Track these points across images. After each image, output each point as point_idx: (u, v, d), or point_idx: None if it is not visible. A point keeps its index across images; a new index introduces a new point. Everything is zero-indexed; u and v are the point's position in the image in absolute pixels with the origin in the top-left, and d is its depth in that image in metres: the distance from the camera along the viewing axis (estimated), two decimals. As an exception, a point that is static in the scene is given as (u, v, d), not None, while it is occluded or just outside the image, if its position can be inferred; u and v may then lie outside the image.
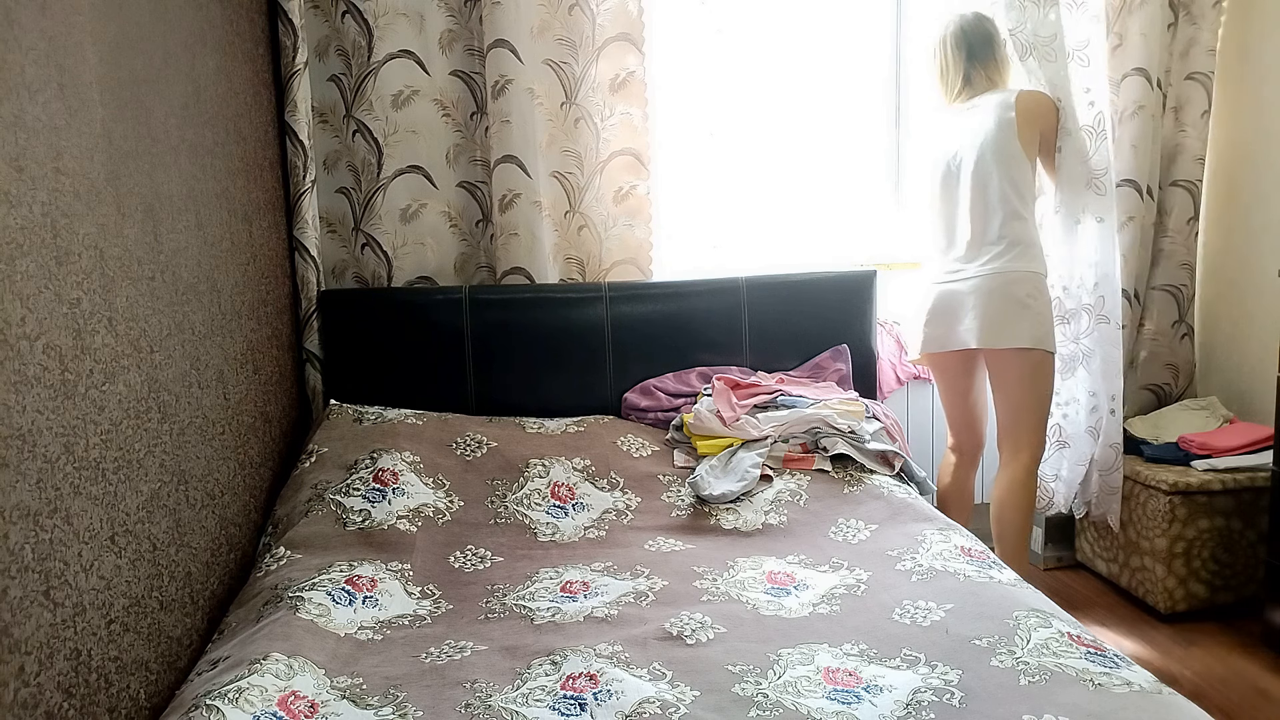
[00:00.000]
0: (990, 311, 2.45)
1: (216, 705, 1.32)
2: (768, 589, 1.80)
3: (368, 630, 1.68)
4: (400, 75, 2.60)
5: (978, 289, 2.46)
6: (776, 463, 2.31)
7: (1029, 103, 2.47)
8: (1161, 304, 2.97)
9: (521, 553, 2.02)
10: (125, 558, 1.44)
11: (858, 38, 2.86)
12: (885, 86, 2.94)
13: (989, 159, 2.44)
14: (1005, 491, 2.54)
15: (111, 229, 1.45)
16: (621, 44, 2.63)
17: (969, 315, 2.48)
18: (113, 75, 1.49)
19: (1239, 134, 2.91)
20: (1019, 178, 2.44)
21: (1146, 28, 2.77)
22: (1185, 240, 2.94)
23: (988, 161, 2.44)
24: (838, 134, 2.90)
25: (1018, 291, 2.43)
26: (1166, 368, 3.00)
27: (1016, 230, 2.44)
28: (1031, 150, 2.47)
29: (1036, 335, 2.45)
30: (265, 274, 2.28)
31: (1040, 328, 2.45)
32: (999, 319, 2.44)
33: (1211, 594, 2.69)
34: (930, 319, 2.58)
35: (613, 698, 1.40)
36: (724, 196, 2.89)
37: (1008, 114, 2.44)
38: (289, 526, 2.01)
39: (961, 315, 2.50)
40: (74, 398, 1.31)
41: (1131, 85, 2.80)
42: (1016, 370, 2.48)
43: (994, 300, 2.45)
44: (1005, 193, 2.44)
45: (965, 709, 1.35)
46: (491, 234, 2.70)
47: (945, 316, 2.54)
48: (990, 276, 2.45)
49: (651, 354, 2.64)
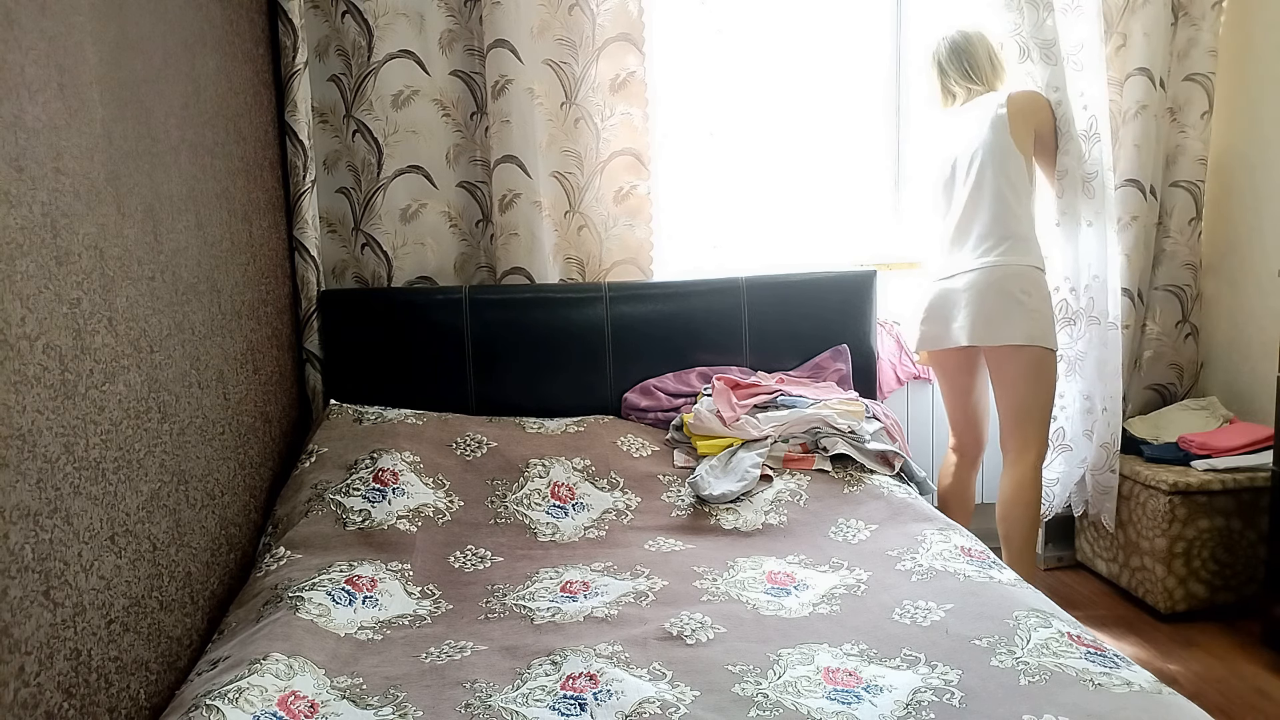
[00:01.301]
0: (983, 308, 2.44)
1: (216, 705, 1.32)
2: (768, 589, 1.80)
3: (368, 630, 1.68)
4: (400, 75, 2.60)
5: (972, 285, 2.46)
6: (776, 463, 2.31)
7: (1021, 100, 2.49)
8: (1165, 304, 2.97)
9: (521, 553, 2.02)
10: (125, 558, 1.44)
11: (858, 37, 2.86)
12: (885, 86, 2.94)
13: (982, 156, 2.45)
14: (1011, 493, 2.52)
15: (111, 229, 1.45)
16: (621, 44, 2.63)
17: (962, 312, 2.48)
18: (113, 75, 1.49)
19: (1238, 134, 2.91)
20: (1013, 173, 2.44)
21: (1150, 27, 2.77)
22: (1188, 240, 2.94)
23: (981, 158, 2.45)
24: (838, 134, 2.89)
25: (1011, 287, 2.42)
26: (1171, 367, 3.01)
27: (1010, 225, 2.44)
28: (1025, 146, 2.47)
29: (1032, 332, 2.43)
30: (265, 274, 2.28)
31: (1036, 324, 2.43)
32: (992, 315, 2.43)
33: (1211, 594, 2.69)
34: (926, 316, 2.58)
35: (613, 698, 1.40)
36: (724, 196, 2.88)
37: (999, 111, 2.45)
38: (289, 526, 2.01)
39: (955, 312, 2.50)
40: (74, 398, 1.31)
41: (1135, 85, 2.80)
42: (1014, 368, 2.47)
43: (987, 296, 2.44)
44: (999, 188, 2.44)
45: (965, 709, 1.35)
46: (491, 234, 2.70)
47: (940, 314, 2.54)
48: (983, 271, 2.44)
49: (651, 354, 2.64)
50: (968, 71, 2.56)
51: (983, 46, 2.57)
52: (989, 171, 2.44)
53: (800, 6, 2.83)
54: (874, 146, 2.90)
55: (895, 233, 3.04)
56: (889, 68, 2.96)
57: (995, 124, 2.45)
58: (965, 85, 2.57)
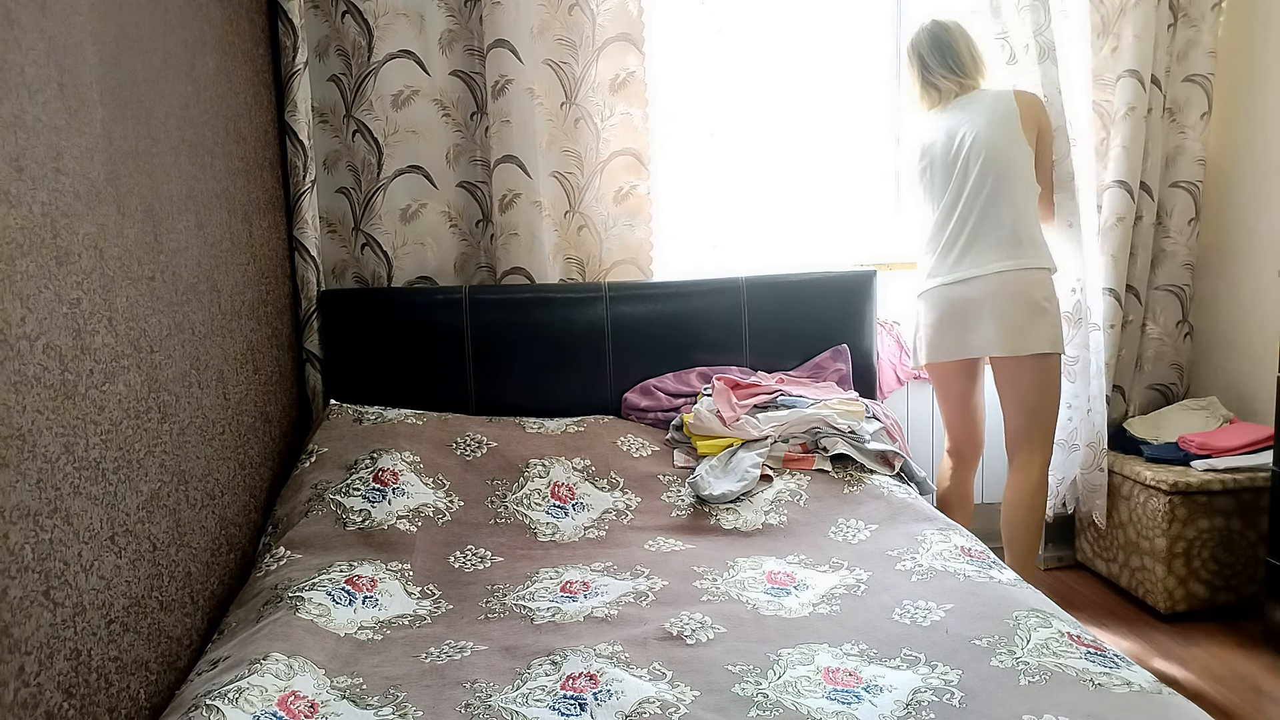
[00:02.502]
0: (1009, 317, 2.37)
1: (216, 705, 1.32)
2: (768, 589, 1.80)
3: (368, 630, 1.68)
4: (400, 75, 2.60)
5: (995, 293, 2.38)
6: (776, 463, 2.31)
7: (1028, 100, 2.46)
8: (1165, 304, 2.98)
9: (521, 553, 2.02)
10: (125, 558, 1.44)
11: (858, 37, 2.86)
12: (885, 86, 2.94)
13: (991, 152, 2.38)
14: (1018, 497, 2.48)
15: (111, 229, 1.45)
16: (621, 44, 2.63)
17: (985, 321, 2.39)
18: (113, 75, 1.49)
19: (1237, 134, 2.91)
20: (1024, 171, 2.40)
21: (1141, 30, 2.77)
22: (1187, 241, 2.95)
23: (989, 155, 2.38)
24: (838, 134, 2.89)
25: (1036, 294, 2.38)
26: (1172, 367, 3.02)
27: (1027, 226, 2.39)
28: (1033, 144, 2.43)
29: (1053, 338, 2.40)
30: (265, 274, 2.28)
31: (1055, 330, 2.41)
32: (1019, 324, 2.37)
33: (1211, 594, 2.69)
34: (940, 326, 2.47)
35: (613, 698, 1.40)
36: (724, 196, 2.88)
37: (1010, 107, 2.40)
38: (289, 526, 2.01)
39: (974, 322, 2.41)
40: (74, 398, 1.31)
41: (1124, 87, 2.80)
42: (1032, 375, 2.42)
43: (1015, 305, 2.37)
44: (1013, 188, 2.38)
45: (965, 709, 1.35)
46: (491, 234, 2.70)
47: (957, 323, 2.44)
48: (1005, 277, 2.37)
49: (651, 354, 2.64)
50: (949, 64, 2.47)
51: (962, 38, 2.50)
52: (1002, 170, 2.38)
53: (800, 6, 2.83)
54: (874, 146, 2.89)
55: (895, 233, 3.04)
56: (889, 67, 2.96)
57: (1006, 119, 2.39)
58: (950, 79, 2.48)
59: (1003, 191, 2.39)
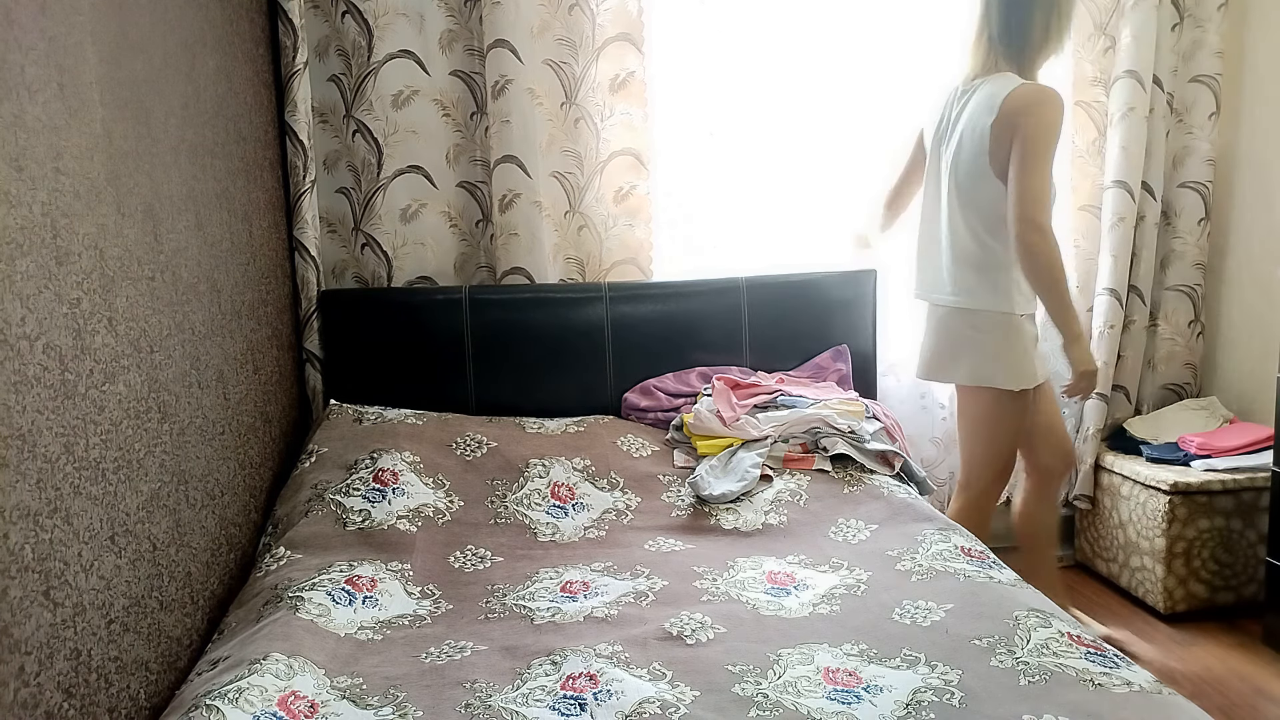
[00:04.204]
0: (936, 342, 2.35)
1: (216, 705, 1.32)
2: (768, 589, 1.80)
3: (368, 630, 1.68)
4: (400, 75, 2.60)
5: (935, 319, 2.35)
6: (776, 463, 2.31)
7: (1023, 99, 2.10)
8: (1176, 304, 2.98)
9: (521, 553, 2.02)
10: (125, 558, 1.44)
11: (858, 37, 2.86)
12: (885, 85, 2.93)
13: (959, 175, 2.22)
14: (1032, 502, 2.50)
15: (111, 229, 1.45)
16: (621, 44, 2.63)
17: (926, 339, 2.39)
18: (113, 75, 1.49)
19: (1240, 134, 2.91)
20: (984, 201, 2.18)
21: (1139, 31, 2.76)
22: (1197, 241, 2.95)
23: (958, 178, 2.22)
24: (838, 134, 2.89)
25: (961, 325, 2.27)
26: (1186, 367, 3.02)
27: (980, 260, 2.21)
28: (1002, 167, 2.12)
29: (980, 372, 2.25)
30: (265, 274, 2.28)
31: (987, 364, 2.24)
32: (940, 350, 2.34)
33: (1211, 594, 2.69)
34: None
35: (613, 698, 1.40)
36: (724, 196, 2.88)
37: (986, 119, 2.12)
38: (289, 526, 2.01)
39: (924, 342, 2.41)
40: (74, 398, 1.31)
41: (1122, 88, 2.79)
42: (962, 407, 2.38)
43: (941, 332, 2.33)
44: (969, 220, 2.21)
45: (965, 709, 1.35)
46: (491, 234, 2.69)
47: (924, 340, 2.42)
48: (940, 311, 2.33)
49: (651, 354, 2.64)
50: (1009, 27, 2.12)
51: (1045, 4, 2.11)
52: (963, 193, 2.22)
53: (800, 6, 2.82)
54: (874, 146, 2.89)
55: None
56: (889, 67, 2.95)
57: (977, 151, 2.16)
58: (992, 50, 2.16)
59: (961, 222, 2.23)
